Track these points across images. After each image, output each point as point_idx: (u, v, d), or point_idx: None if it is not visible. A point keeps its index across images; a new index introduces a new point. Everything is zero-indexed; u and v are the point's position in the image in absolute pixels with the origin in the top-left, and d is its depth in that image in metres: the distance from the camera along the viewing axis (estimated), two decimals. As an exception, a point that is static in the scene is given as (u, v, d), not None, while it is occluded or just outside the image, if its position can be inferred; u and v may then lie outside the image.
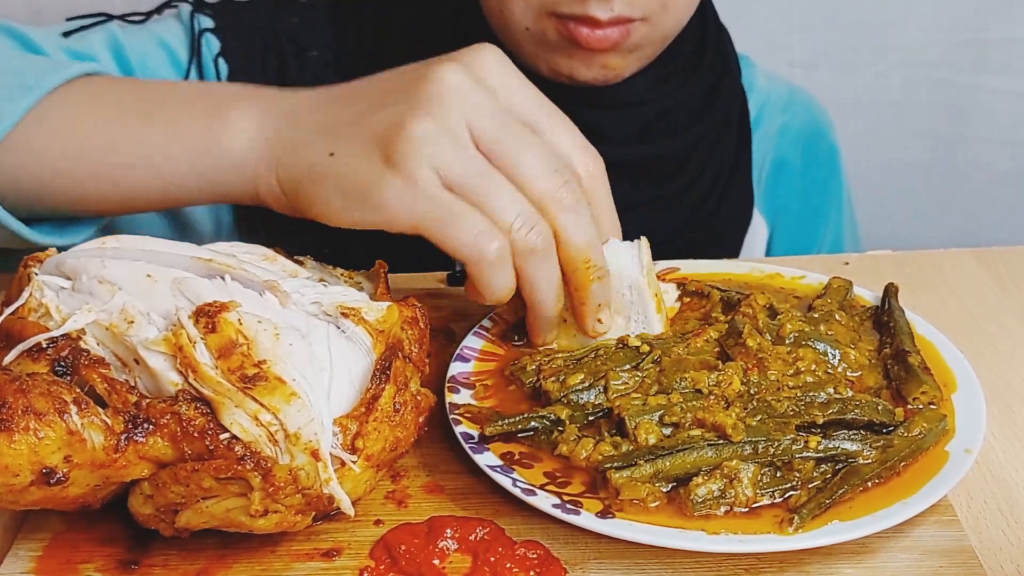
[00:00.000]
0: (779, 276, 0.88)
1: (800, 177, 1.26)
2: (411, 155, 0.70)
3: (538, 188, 0.72)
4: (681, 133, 1.11)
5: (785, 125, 1.26)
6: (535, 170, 0.72)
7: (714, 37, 1.15)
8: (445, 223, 0.70)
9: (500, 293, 0.72)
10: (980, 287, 0.92)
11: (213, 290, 0.65)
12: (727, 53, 1.17)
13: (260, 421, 0.60)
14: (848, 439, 0.68)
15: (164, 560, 0.65)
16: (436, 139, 0.70)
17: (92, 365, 0.61)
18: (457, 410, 0.73)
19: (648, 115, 1.08)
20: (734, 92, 1.18)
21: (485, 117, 0.72)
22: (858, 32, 1.73)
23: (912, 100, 1.77)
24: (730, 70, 1.17)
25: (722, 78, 1.15)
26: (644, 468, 0.66)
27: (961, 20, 1.71)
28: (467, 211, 0.70)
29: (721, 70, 1.15)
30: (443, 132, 0.71)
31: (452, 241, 0.70)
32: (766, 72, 1.27)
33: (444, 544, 0.65)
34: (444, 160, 0.70)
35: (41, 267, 0.68)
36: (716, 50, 1.15)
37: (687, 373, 0.72)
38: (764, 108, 1.24)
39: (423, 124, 0.70)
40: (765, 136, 1.24)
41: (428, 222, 0.70)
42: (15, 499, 0.59)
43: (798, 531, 0.63)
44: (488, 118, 0.72)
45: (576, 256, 0.73)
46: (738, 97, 1.19)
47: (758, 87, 1.24)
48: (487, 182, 0.71)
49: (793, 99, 1.27)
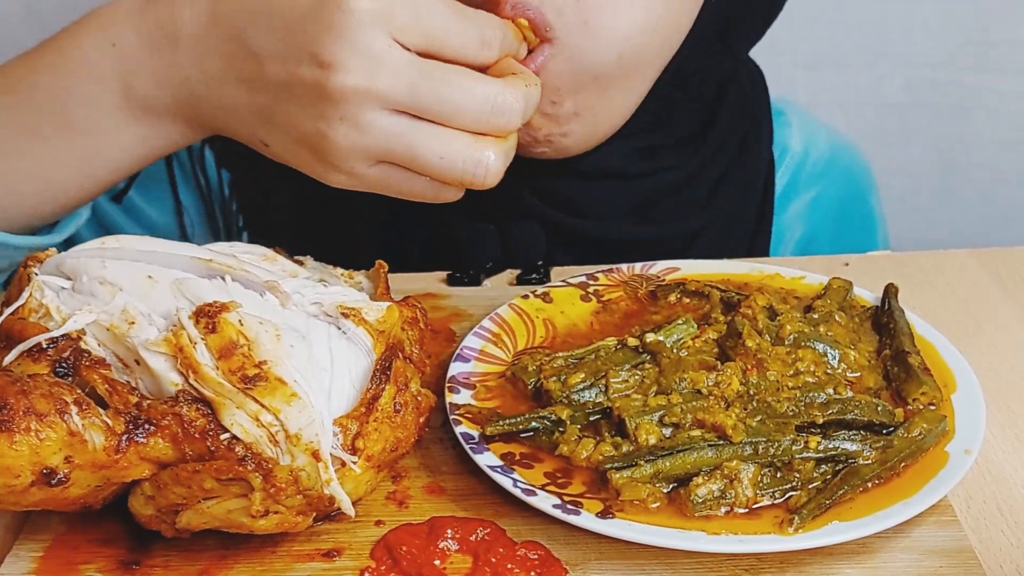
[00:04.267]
0: (779, 276, 0.88)
1: (832, 248, 1.11)
2: (342, 158, 0.73)
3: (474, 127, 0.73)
4: (683, 220, 1.03)
5: (818, 197, 1.13)
6: (465, 118, 0.72)
7: (735, 105, 1.04)
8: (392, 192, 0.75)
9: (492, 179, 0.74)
10: (980, 287, 0.91)
11: (213, 291, 0.65)
12: (755, 118, 1.07)
13: (261, 422, 0.60)
14: (848, 439, 0.68)
15: (165, 561, 0.65)
16: (357, 141, 0.72)
17: (93, 366, 0.61)
18: (457, 410, 0.73)
19: (638, 192, 1.01)
20: (755, 170, 1.07)
21: (399, 96, 0.71)
22: (861, 33, 1.72)
23: (914, 101, 1.77)
24: (751, 144, 1.06)
25: (741, 155, 1.05)
26: (644, 468, 0.66)
27: (964, 21, 1.71)
28: (412, 179, 0.73)
29: (740, 143, 1.05)
30: (361, 131, 0.71)
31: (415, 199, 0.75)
32: (808, 124, 1.14)
33: (445, 544, 0.65)
34: (373, 151, 0.72)
35: (41, 267, 0.68)
36: (734, 124, 1.04)
37: (686, 373, 0.72)
38: (797, 177, 1.12)
39: (342, 131, 0.72)
40: (794, 212, 1.12)
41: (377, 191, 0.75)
42: (16, 500, 0.59)
43: (798, 531, 0.63)
44: (401, 95, 0.71)
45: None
46: (760, 174, 1.07)
47: (792, 151, 1.12)
48: (417, 148, 0.72)
49: (833, 162, 1.14)
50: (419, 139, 0.72)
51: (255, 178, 1.05)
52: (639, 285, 0.88)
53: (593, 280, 0.88)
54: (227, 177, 1.07)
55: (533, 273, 0.94)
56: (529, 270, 0.94)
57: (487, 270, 0.95)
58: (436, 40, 0.71)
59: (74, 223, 0.89)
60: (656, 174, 1.02)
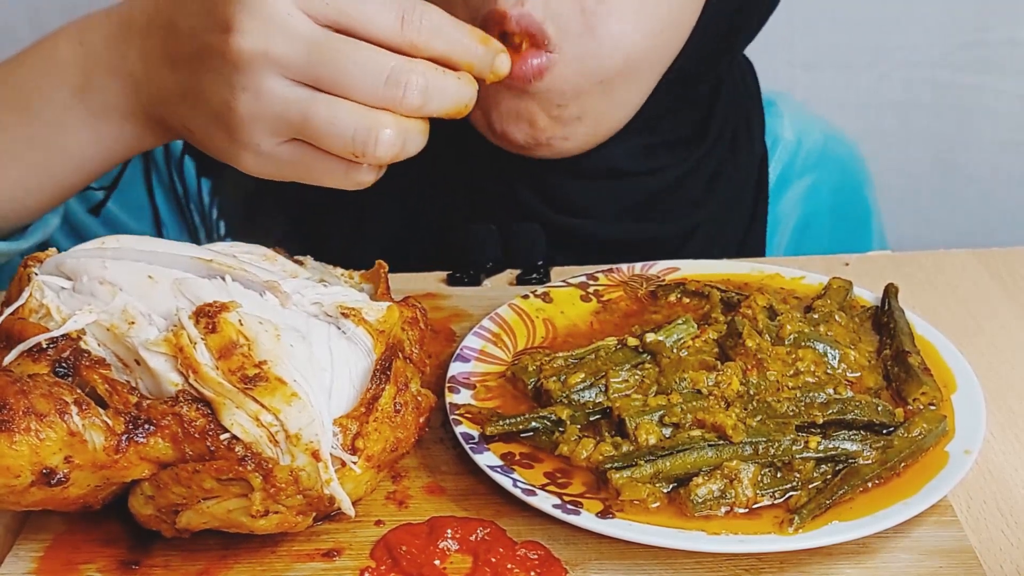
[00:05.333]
0: (779, 276, 0.88)
1: (827, 237, 1.14)
2: (246, 131, 0.72)
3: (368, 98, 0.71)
4: (680, 216, 1.03)
5: (814, 185, 1.13)
6: (359, 89, 0.71)
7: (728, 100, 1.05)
8: (304, 177, 0.74)
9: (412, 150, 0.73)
10: (980, 287, 0.91)
11: (214, 290, 0.65)
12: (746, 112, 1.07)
13: (261, 422, 0.60)
14: (848, 439, 0.68)
15: (165, 561, 0.65)
16: (255, 109, 0.71)
17: (93, 366, 0.61)
18: (457, 410, 0.73)
19: (638, 191, 1.01)
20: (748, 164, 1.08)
21: (295, 61, 0.71)
22: (860, 32, 1.72)
23: (914, 101, 1.77)
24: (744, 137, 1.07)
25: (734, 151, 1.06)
26: (644, 468, 0.66)
27: (963, 21, 1.71)
28: (320, 159, 0.72)
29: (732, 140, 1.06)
30: (260, 101, 0.71)
31: (330, 185, 0.74)
32: (799, 115, 1.14)
33: (445, 544, 0.65)
34: (271, 120, 0.72)
35: (41, 267, 0.68)
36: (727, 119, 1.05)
37: (686, 373, 0.72)
38: (790, 167, 1.12)
39: (243, 100, 0.71)
40: (788, 201, 1.12)
41: (291, 177, 0.75)
42: (16, 500, 0.59)
43: (798, 531, 0.63)
44: (297, 60, 0.71)
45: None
46: (753, 166, 1.08)
47: (784, 141, 1.12)
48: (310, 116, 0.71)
49: (827, 153, 1.14)
50: (313, 108, 0.71)
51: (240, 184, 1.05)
52: (639, 285, 0.88)
53: (593, 280, 0.88)
54: (207, 185, 1.07)
55: (533, 273, 0.94)
56: (529, 270, 0.94)
57: (487, 270, 0.95)
58: (345, 14, 0.71)
59: (41, 230, 0.89)
60: (655, 173, 1.02)
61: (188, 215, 1.07)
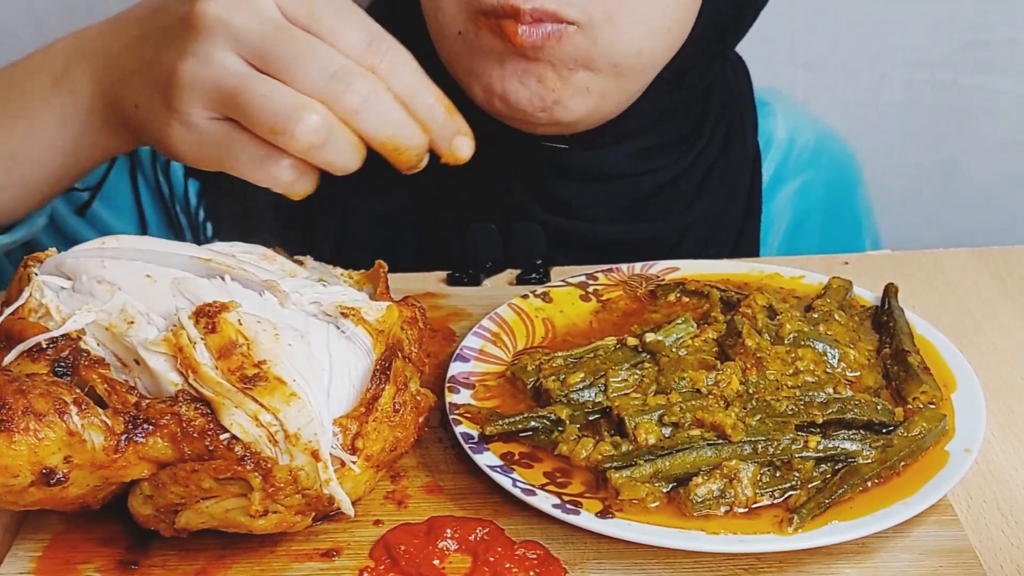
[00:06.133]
0: (778, 276, 0.88)
1: (820, 235, 1.14)
2: (180, 98, 0.72)
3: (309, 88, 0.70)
4: (674, 216, 1.03)
5: (807, 184, 1.13)
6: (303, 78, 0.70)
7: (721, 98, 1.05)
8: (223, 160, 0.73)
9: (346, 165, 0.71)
10: (980, 287, 0.91)
11: (213, 290, 0.65)
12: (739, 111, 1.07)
13: (260, 421, 0.60)
14: (848, 439, 0.68)
15: (164, 560, 0.65)
16: (197, 74, 0.71)
17: (92, 365, 0.61)
18: (457, 410, 0.73)
19: (631, 193, 1.01)
20: (741, 163, 1.08)
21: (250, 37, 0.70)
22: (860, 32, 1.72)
23: (914, 101, 1.77)
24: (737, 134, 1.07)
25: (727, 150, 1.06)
26: (644, 468, 0.66)
27: (964, 21, 1.71)
28: (242, 143, 0.71)
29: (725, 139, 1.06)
30: (203, 68, 0.71)
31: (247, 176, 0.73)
32: (792, 113, 1.14)
33: (444, 544, 0.65)
34: (209, 88, 0.71)
35: (41, 267, 0.68)
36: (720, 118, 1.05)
37: (686, 373, 0.72)
38: (784, 166, 1.12)
39: (188, 64, 0.71)
40: (782, 200, 1.12)
41: (211, 160, 0.73)
42: (15, 500, 0.59)
43: (798, 531, 0.63)
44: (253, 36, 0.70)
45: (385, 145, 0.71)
46: (747, 165, 1.08)
47: (778, 140, 1.12)
48: (246, 91, 0.70)
49: (820, 152, 1.14)
50: (252, 82, 0.70)
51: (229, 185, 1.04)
52: (638, 285, 0.88)
53: (593, 280, 0.88)
54: (195, 187, 1.06)
55: (533, 273, 0.94)
56: (529, 270, 0.94)
57: (487, 270, 0.95)
58: (316, 19, 0.71)
59: (25, 228, 0.89)
60: (649, 174, 1.02)
61: (174, 217, 1.07)
